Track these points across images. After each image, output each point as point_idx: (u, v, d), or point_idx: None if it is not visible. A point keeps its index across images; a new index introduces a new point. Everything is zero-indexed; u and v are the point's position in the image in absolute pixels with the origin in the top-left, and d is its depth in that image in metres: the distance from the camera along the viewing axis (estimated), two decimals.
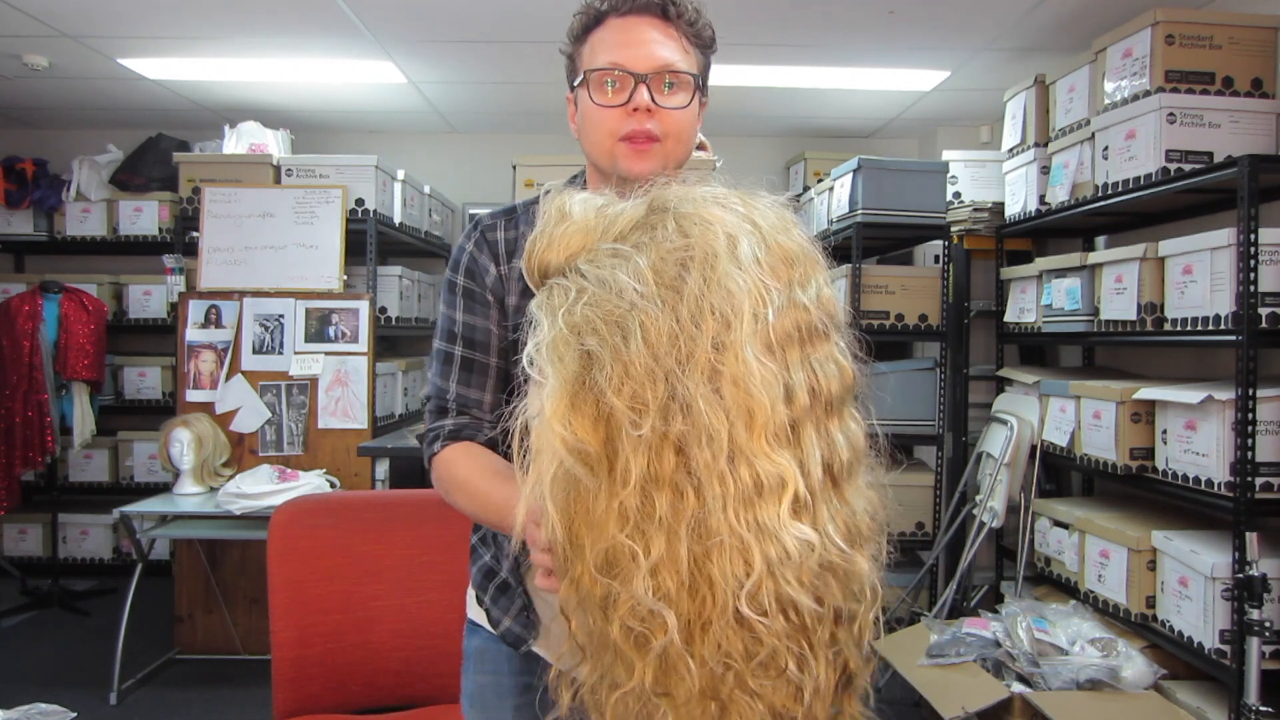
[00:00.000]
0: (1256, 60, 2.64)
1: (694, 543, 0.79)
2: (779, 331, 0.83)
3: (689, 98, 1.21)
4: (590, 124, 1.22)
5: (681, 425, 0.79)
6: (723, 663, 0.80)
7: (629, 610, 0.80)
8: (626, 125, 1.18)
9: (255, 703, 3.27)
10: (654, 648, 0.80)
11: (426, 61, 3.87)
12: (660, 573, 0.79)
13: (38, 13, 3.33)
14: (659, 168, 1.18)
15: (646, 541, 0.79)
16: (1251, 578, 2.22)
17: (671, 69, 1.19)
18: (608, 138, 1.20)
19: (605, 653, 0.83)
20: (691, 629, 0.80)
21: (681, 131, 1.21)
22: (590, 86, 1.20)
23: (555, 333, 0.84)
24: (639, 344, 0.80)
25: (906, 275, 3.92)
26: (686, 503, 0.79)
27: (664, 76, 1.19)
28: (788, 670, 0.81)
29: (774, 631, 0.80)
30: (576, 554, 0.83)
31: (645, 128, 1.18)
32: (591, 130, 1.22)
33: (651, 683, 0.81)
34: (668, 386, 0.80)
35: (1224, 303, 2.41)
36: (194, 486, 3.54)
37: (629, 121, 1.18)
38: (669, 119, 1.19)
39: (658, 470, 0.80)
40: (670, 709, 0.82)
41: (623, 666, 0.82)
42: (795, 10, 3.28)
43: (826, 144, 5.02)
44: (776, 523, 0.79)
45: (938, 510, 3.83)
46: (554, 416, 0.81)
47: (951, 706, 2.53)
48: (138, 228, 4.68)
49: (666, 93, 1.19)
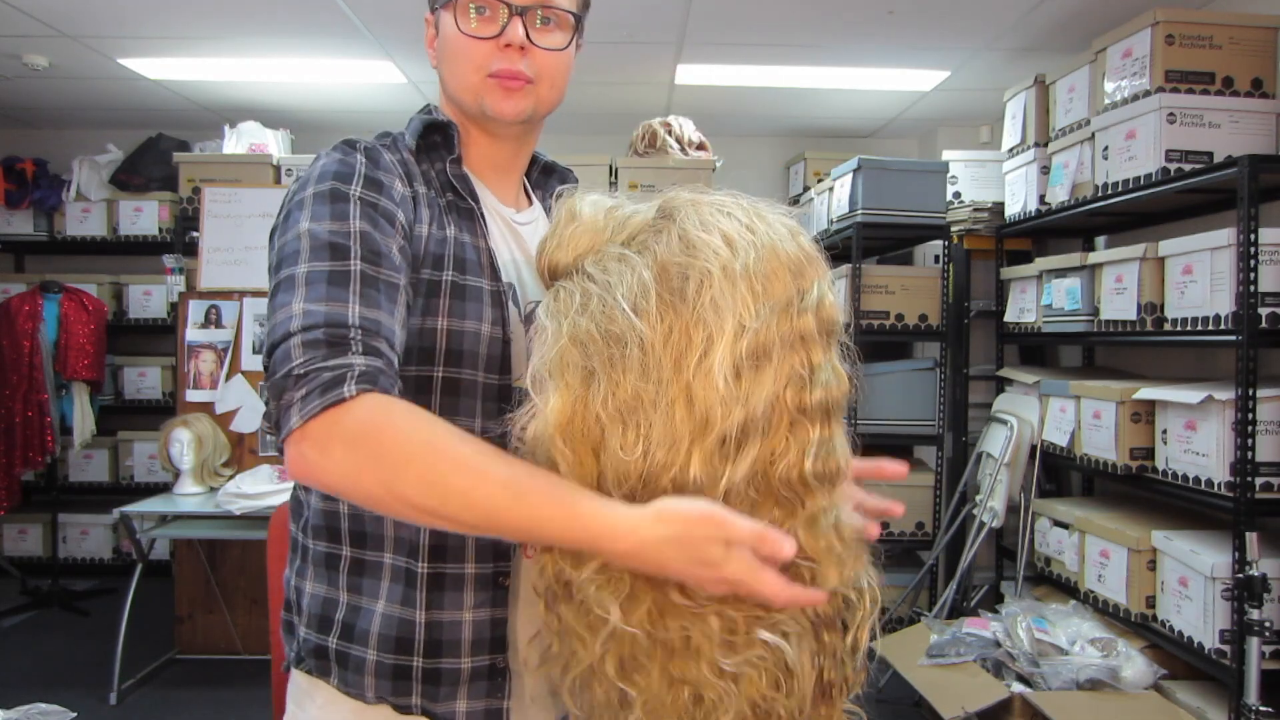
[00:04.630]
0: (1256, 60, 2.64)
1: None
2: (764, 344, 0.82)
3: (567, 38, 1.08)
4: (454, 55, 1.08)
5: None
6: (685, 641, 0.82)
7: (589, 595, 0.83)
8: (495, 61, 1.04)
9: (255, 703, 3.27)
10: (605, 631, 0.82)
11: (426, 62, 3.86)
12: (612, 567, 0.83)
13: (38, 13, 3.33)
14: (529, 109, 1.07)
15: None
16: (1251, 578, 2.22)
17: (549, 4, 1.05)
18: (474, 73, 1.06)
19: (569, 635, 0.86)
20: (652, 616, 0.82)
21: (556, 75, 1.08)
22: (456, 11, 1.05)
23: (560, 345, 0.84)
24: (634, 359, 0.81)
25: (906, 275, 3.92)
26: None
27: (540, 11, 1.05)
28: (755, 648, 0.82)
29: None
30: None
31: (517, 67, 1.04)
32: (455, 62, 1.08)
33: (613, 670, 0.83)
34: (650, 404, 0.81)
35: (1224, 303, 2.41)
36: (194, 486, 3.54)
37: (498, 58, 1.04)
38: (543, 60, 1.06)
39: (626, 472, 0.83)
40: (638, 696, 0.83)
41: (581, 647, 0.84)
42: (795, 10, 3.28)
43: (826, 144, 5.02)
44: None
45: (938, 510, 3.83)
46: (555, 430, 0.83)
47: (951, 706, 2.53)
48: (138, 228, 4.68)
49: (541, 29, 1.05)
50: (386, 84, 4.18)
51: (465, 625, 1.00)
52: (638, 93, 4.30)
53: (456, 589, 1.01)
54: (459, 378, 1.01)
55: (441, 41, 1.10)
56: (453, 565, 1.01)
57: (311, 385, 0.84)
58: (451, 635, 1.00)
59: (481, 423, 1.01)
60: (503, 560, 1.02)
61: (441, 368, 1.01)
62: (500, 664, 1.02)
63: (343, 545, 1.03)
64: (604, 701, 0.86)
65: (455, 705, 1.01)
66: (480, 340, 1.02)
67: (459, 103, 1.10)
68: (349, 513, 1.02)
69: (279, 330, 0.88)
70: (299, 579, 1.07)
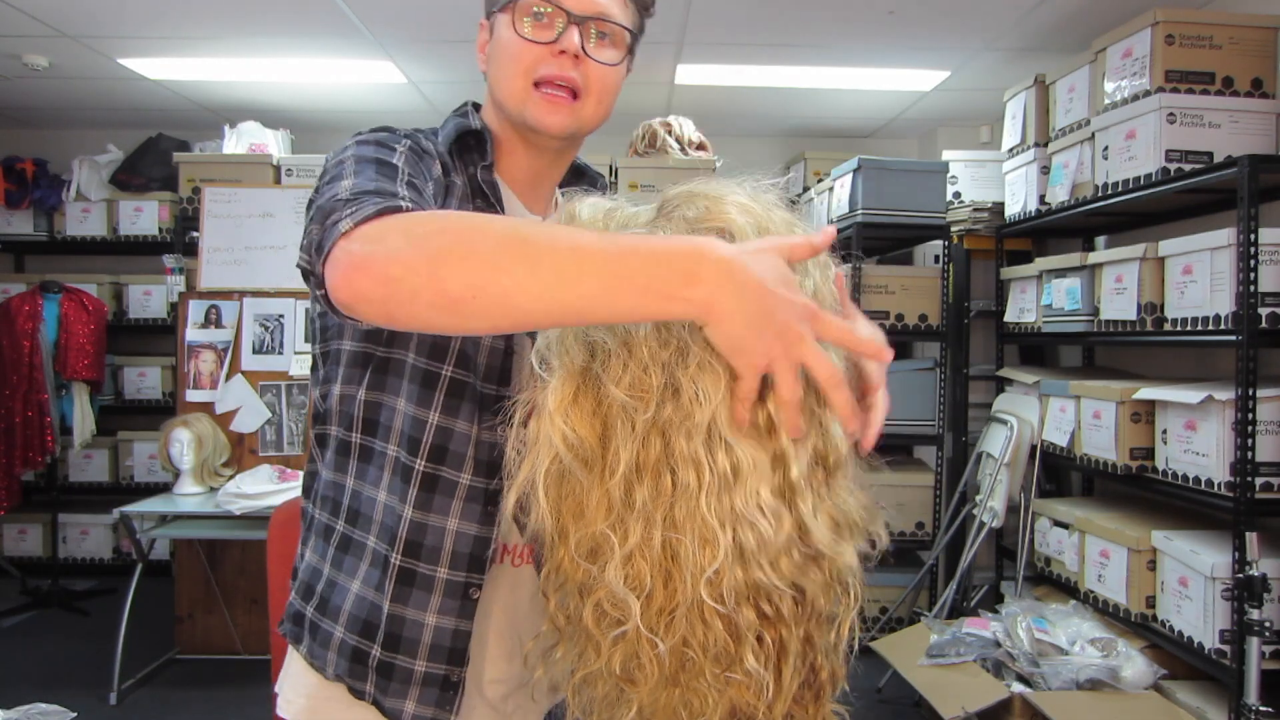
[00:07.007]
0: (1256, 60, 2.64)
1: (670, 530, 0.79)
2: None
3: (620, 56, 1.06)
4: (504, 57, 1.05)
5: (670, 412, 0.79)
6: (682, 652, 0.80)
7: (605, 594, 0.81)
8: (545, 66, 1.02)
9: (255, 702, 3.27)
10: (617, 633, 0.81)
11: (426, 61, 3.87)
12: (635, 560, 0.80)
13: (38, 13, 3.33)
14: (572, 124, 1.05)
15: (625, 529, 0.80)
16: (1251, 578, 2.22)
17: (608, 17, 1.03)
18: (521, 77, 1.03)
19: (580, 634, 0.85)
20: (661, 616, 0.80)
21: (604, 90, 1.05)
22: (515, 13, 1.03)
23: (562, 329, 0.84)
24: (647, 329, 0.80)
25: (906, 275, 3.92)
26: (663, 491, 0.80)
27: (598, 24, 1.03)
28: (745, 663, 0.80)
29: (742, 623, 0.79)
30: (561, 540, 0.84)
31: (568, 74, 1.02)
32: (505, 64, 1.05)
33: (619, 669, 0.82)
34: (666, 373, 0.79)
35: (1224, 303, 2.41)
36: (194, 486, 3.54)
37: (550, 63, 1.02)
38: (595, 73, 1.04)
39: (643, 458, 0.80)
40: (636, 695, 0.83)
41: (592, 648, 0.84)
42: (795, 10, 3.28)
43: (826, 144, 5.02)
44: (751, 506, 0.78)
45: (938, 510, 3.83)
46: (556, 410, 0.81)
47: (951, 706, 2.53)
48: (138, 228, 4.68)
49: (597, 43, 1.04)
50: (386, 84, 4.18)
51: (426, 629, 1.01)
52: (638, 93, 4.30)
53: (425, 589, 1.01)
54: (465, 380, 1.01)
55: (494, 44, 1.08)
56: (426, 565, 1.01)
57: (364, 203, 0.82)
58: (411, 634, 1.01)
59: (477, 430, 1.01)
60: (476, 572, 1.02)
61: (451, 367, 1.01)
62: (454, 677, 1.03)
63: (339, 519, 1.05)
64: (604, 699, 0.86)
65: (404, 705, 1.02)
66: (480, 349, 1.02)
67: (503, 108, 1.07)
68: (351, 488, 1.04)
69: (326, 205, 0.84)
70: (302, 545, 1.11)
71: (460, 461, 1.01)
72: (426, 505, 1.01)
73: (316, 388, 1.09)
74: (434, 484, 1.01)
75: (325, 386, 1.07)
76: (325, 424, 1.07)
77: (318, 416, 1.08)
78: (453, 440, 1.01)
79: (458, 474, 1.01)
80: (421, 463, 1.00)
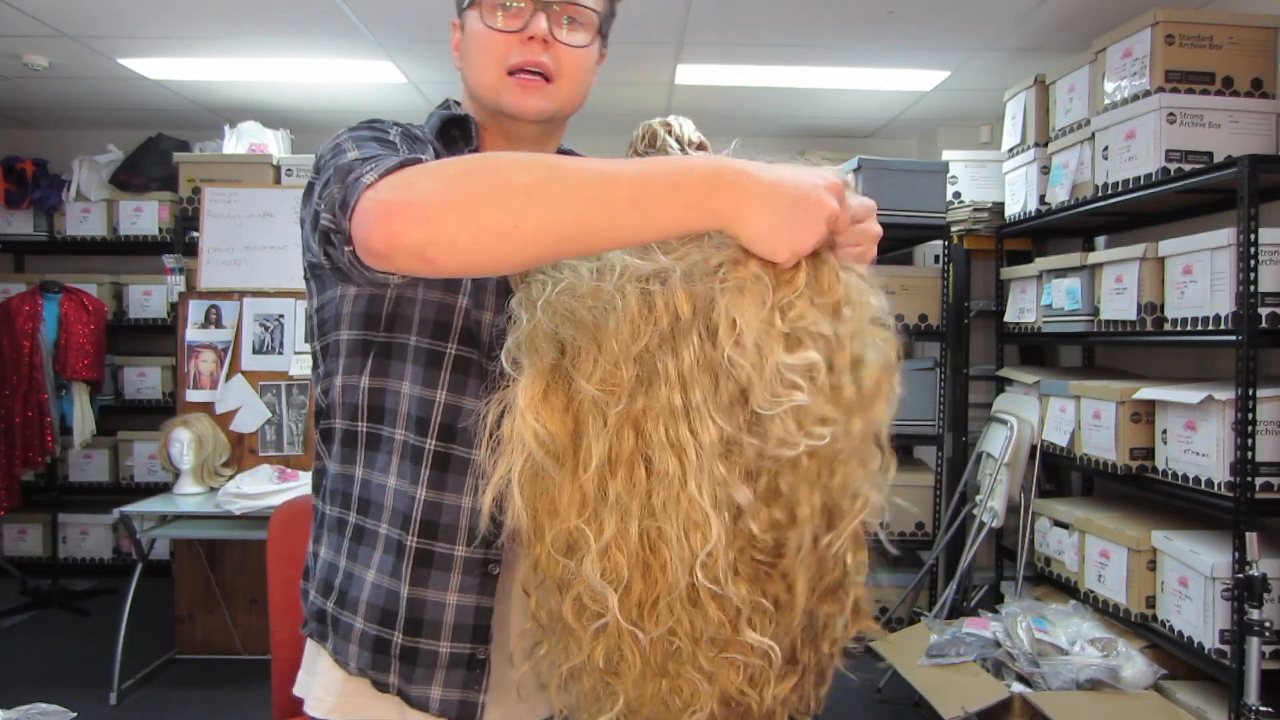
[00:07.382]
0: (1256, 60, 2.64)
1: (648, 519, 0.79)
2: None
3: (590, 38, 1.08)
4: (476, 50, 1.07)
5: (643, 403, 0.79)
6: (668, 641, 0.80)
7: (583, 588, 0.81)
8: (517, 55, 1.05)
9: (255, 703, 3.27)
10: (598, 626, 0.81)
11: (426, 61, 3.87)
12: (611, 553, 0.80)
13: (38, 13, 3.33)
14: (548, 108, 1.07)
15: (600, 523, 0.80)
16: (1251, 578, 2.22)
17: (575, 1, 1.06)
18: (494, 67, 1.06)
19: (561, 630, 0.85)
20: (642, 607, 0.80)
21: (577, 73, 1.08)
22: (483, 7, 1.05)
23: (533, 324, 0.84)
24: (618, 321, 0.79)
25: (906, 275, 3.92)
26: (638, 482, 0.79)
27: (565, 8, 1.05)
28: (743, 636, 0.79)
29: (735, 599, 0.79)
30: (538, 537, 0.84)
31: (539, 59, 1.04)
32: (477, 57, 1.08)
33: (603, 662, 0.82)
34: (639, 366, 0.79)
35: (1224, 303, 2.41)
36: (194, 486, 3.54)
37: (520, 50, 1.04)
38: (565, 56, 1.06)
39: (617, 451, 0.79)
40: (621, 688, 0.83)
41: (574, 643, 0.84)
42: (795, 10, 3.28)
43: (826, 144, 5.01)
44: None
45: (938, 510, 3.83)
46: (527, 408, 0.82)
47: (951, 706, 2.53)
48: (138, 228, 4.67)
49: (566, 27, 1.06)
50: (386, 84, 4.18)
51: (449, 608, 1.01)
52: (638, 93, 4.30)
53: (444, 569, 1.01)
54: (470, 357, 1.02)
55: (465, 40, 1.10)
56: (443, 545, 1.01)
57: (382, 158, 0.83)
58: (434, 616, 1.01)
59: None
60: (494, 548, 1.02)
61: (456, 345, 1.02)
62: (480, 655, 1.03)
63: (350, 511, 1.05)
64: (591, 693, 0.86)
65: (430, 690, 1.01)
66: (482, 326, 1.03)
67: (479, 99, 1.10)
68: (360, 478, 1.04)
69: (344, 165, 0.85)
70: (314, 544, 1.11)
71: (471, 438, 1.01)
72: (440, 484, 1.01)
73: (318, 384, 1.09)
74: (446, 462, 1.01)
75: (327, 380, 1.07)
76: (329, 418, 1.07)
77: (321, 413, 1.09)
78: (462, 417, 1.01)
79: (469, 450, 1.01)
80: (432, 442, 1.01)
